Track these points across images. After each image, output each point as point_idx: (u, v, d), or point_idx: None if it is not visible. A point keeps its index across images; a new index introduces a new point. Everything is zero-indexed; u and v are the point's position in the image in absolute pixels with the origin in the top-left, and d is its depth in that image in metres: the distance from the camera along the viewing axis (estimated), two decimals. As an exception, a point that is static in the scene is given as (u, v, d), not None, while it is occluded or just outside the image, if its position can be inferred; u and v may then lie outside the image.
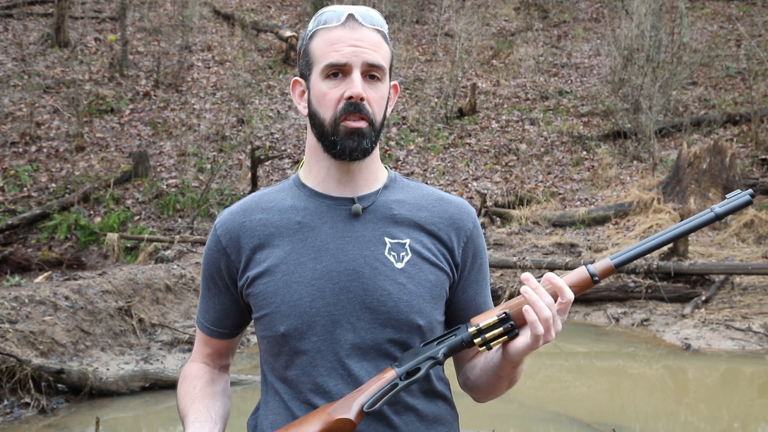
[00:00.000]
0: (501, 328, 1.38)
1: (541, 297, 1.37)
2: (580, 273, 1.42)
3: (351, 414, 1.38)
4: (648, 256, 9.12)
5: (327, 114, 1.48)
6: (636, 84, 13.43)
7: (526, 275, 1.38)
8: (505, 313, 1.38)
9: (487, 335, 1.38)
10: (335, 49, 1.46)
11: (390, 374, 1.41)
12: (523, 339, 1.40)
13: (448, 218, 1.56)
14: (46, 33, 15.46)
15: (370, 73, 1.48)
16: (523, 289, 1.38)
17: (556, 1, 18.87)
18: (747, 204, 1.44)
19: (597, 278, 1.41)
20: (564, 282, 1.40)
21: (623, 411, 5.91)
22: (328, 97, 1.47)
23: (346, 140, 1.46)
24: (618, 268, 1.42)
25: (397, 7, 17.09)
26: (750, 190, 1.44)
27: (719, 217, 1.41)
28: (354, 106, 1.45)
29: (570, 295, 1.38)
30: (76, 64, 14.54)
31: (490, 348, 1.39)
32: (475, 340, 1.39)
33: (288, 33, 15.77)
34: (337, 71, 1.47)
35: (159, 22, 16.28)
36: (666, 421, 5.69)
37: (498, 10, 18.38)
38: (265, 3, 18.36)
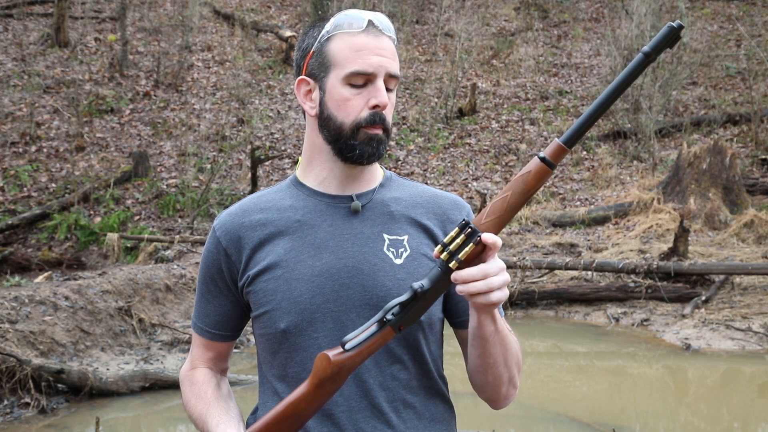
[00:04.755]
0: (462, 235, 1.32)
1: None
2: (532, 163, 1.34)
3: (331, 351, 1.36)
4: (648, 256, 9.11)
5: (347, 119, 1.48)
6: (636, 84, 13.42)
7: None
8: (464, 220, 1.33)
9: (451, 247, 1.32)
10: (361, 56, 1.47)
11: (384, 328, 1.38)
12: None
13: (442, 213, 1.57)
14: (46, 33, 15.45)
15: (388, 82, 1.50)
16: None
17: (556, 1, 18.86)
18: (673, 34, 1.27)
19: (547, 159, 1.33)
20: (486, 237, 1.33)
21: (623, 411, 5.91)
22: (351, 103, 1.48)
23: (365, 146, 1.48)
24: (568, 145, 1.33)
25: (397, 7, 17.08)
26: (678, 21, 1.28)
27: (649, 56, 1.28)
28: (379, 116, 1.47)
29: (487, 238, 1.31)
30: (76, 64, 14.54)
31: (459, 262, 1.31)
32: (442, 255, 1.32)
33: (288, 33, 15.75)
34: (362, 79, 1.48)
35: (159, 22, 16.27)
36: (666, 421, 5.69)
37: (498, 10, 18.37)
38: (265, 3, 18.36)
